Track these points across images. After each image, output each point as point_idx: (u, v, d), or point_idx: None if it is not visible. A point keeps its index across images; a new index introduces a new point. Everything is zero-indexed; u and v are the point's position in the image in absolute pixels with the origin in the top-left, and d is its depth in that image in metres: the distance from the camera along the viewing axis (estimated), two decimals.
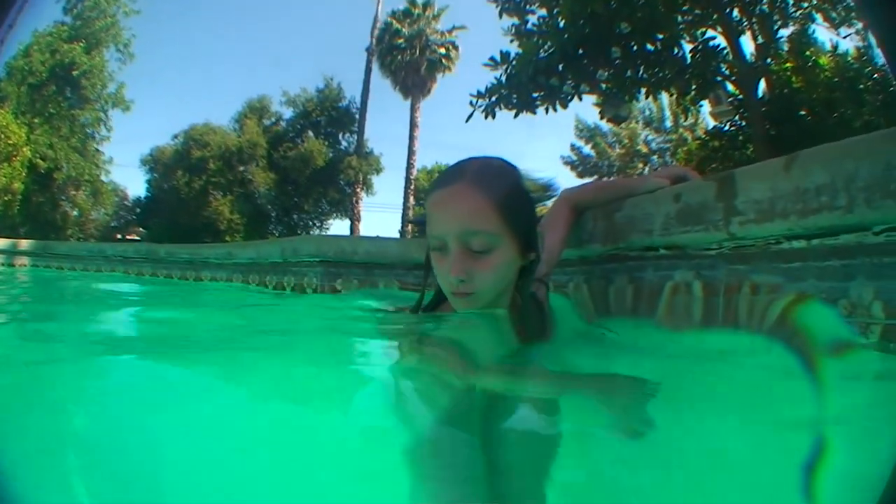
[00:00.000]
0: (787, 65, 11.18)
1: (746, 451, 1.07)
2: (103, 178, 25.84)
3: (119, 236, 26.80)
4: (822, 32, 12.09)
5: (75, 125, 24.03)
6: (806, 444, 0.93)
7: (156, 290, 5.17)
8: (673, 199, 1.69)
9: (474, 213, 1.32)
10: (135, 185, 36.90)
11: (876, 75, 10.48)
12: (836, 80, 10.64)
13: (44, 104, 22.59)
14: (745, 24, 10.36)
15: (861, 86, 10.49)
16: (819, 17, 11.03)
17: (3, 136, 18.96)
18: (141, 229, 27.64)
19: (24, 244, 9.34)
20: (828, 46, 11.60)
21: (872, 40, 10.69)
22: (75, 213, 25.31)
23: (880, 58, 10.53)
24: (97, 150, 25.34)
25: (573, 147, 26.52)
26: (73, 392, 1.24)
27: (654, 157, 24.52)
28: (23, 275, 7.73)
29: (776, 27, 10.60)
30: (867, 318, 1.15)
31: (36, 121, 22.23)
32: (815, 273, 1.28)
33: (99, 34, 23.79)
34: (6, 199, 20.12)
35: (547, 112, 10.73)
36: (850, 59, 11.28)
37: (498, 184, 1.37)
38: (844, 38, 11.32)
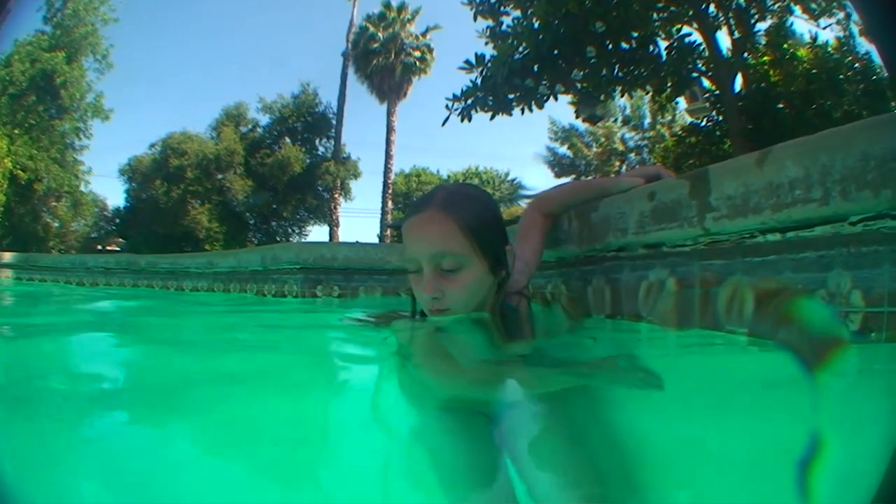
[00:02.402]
0: (765, 58, 11.20)
1: (741, 448, 1.08)
2: (83, 188, 25.58)
3: (99, 247, 26.43)
4: (801, 24, 12.14)
5: (55, 136, 23.76)
6: (801, 440, 0.94)
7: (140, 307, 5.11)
8: (647, 197, 1.72)
9: (444, 236, 1.44)
10: (114, 195, 36.48)
11: (857, 65, 10.54)
12: (815, 71, 10.63)
13: (24, 115, 22.28)
14: (722, 19, 10.40)
15: (841, 76, 10.51)
16: (798, 8, 11.04)
17: None
18: (121, 240, 27.34)
19: (7, 256, 9.25)
20: (807, 38, 11.62)
21: (854, 30, 10.82)
22: (56, 224, 25.04)
23: (862, 47, 10.66)
24: (76, 160, 25.07)
25: (549, 148, 26.67)
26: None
27: (632, 154, 24.68)
28: (7, 287, 7.66)
29: (753, 21, 10.64)
30: (846, 307, 1.15)
31: (16, 132, 21.93)
32: (790, 265, 1.30)
33: (78, 43, 23.50)
34: None
35: (523, 113, 10.74)
36: (829, 49, 11.29)
37: (465, 209, 1.48)
38: (824, 28, 11.33)
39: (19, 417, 1.31)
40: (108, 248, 26.44)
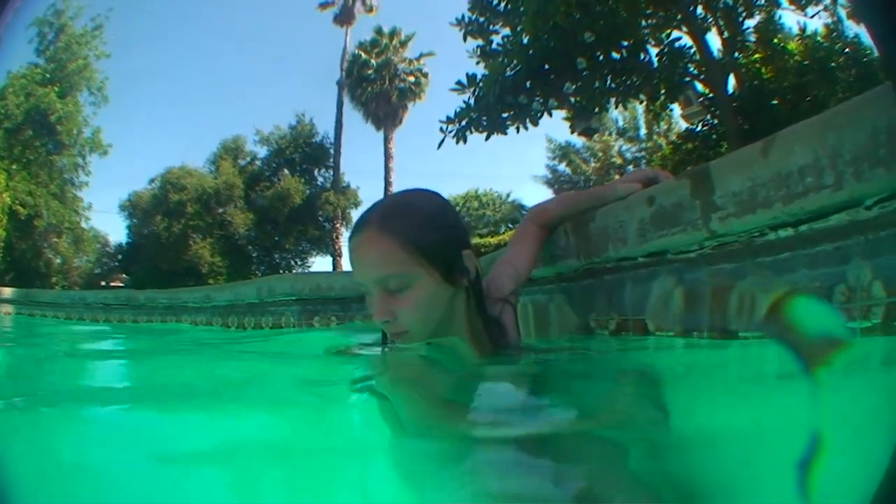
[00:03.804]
0: (755, 56, 11.21)
1: (741, 450, 1.04)
2: (84, 224, 25.55)
3: (103, 283, 26.40)
4: (789, 17, 12.15)
5: (53, 171, 23.80)
6: (801, 441, 0.90)
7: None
8: (646, 202, 1.62)
9: (383, 259, 1.38)
10: (116, 231, 36.58)
11: (847, 49, 10.52)
12: (807, 62, 10.65)
13: (21, 150, 22.35)
14: (710, 20, 10.42)
15: (833, 64, 10.50)
16: (784, 0, 11.04)
17: None
18: (124, 276, 27.34)
19: (7, 292, 9.22)
20: (795, 30, 11.66)
21: (842, 14, 10.80)
22: (58, 260, 25.00)
23: (850, 30, 10.62)
24: (76, 196, 25.06)
25: (548, 167, 26.72)
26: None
27: (630, 166, 24.69)
28: (7, 323, 7.67)
29: (741, 19, 10.63)
30: (868, 301, 1.07)
31: (14, 167, 21.96)
32: (805, 262, 1.21)
33: (72, 77, 23.66)
34: None
35: (518, 131, 10.73)
36: (819, 38, 11.29)
37: (405, 222, 1.41)
38: (812, 17, 11.29)
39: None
40: (112, 284, 26.43)
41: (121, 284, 25.99)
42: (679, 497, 1.06)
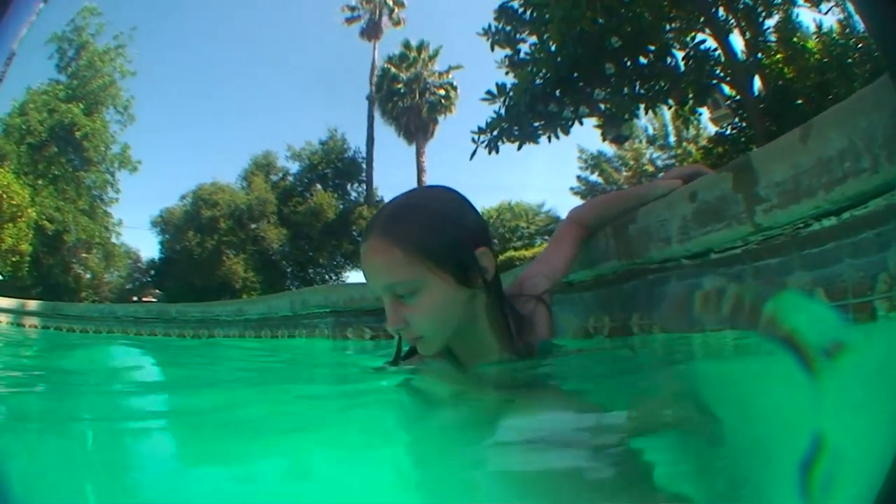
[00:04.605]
0: (778, 56, 11.17)
1: (744, 448, 1.07)
2: (114, 240, 25.71)
3: (135, 298, 26.60)
4: (805, 15, 12.10)
5: (81, 188, 23.95)
6: (803, 442, 0.91)
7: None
8: (688, 198, 1.59)
9: (390, 266, 1.34)
10: (147, 246, 37.02)
11: (860, 45, 10.45)
12: (826, 60, 10.65)
13: (46, 165, 22.53)
14: (732, 21, 10.37)
15: (849, 60, 10.48)
16: None
17: (5, 195, 18.67)
18: (157, 291, 27.59)
19: (33, 305, 9.24)
20: (812, 28, 11.61)
21: (850, 8, 10.67)
22: (88, 275, 25.12)
23: (860, 24, 10.52)
24: (106, 212, 25.22)
25: (579, 178, 26.56)
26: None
27: (661, 174, 24.45)
28: (32, 336, 7.69)
29: (761, 18, 10.58)
30: None
31: (40, 182, 22.12)
32: (849, 251, 1.18)
33: (97, 94, 23.83)
34: (14, 259, 19.82)
35: (550, 140, 10.72)
36: (834, 35, 11.26)
37: (408, 228, 1.36)
38: (825, 13, 11.20)
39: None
40: (144, 299, 26.61)
41: (153, 300, 26.16)
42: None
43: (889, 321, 1.09)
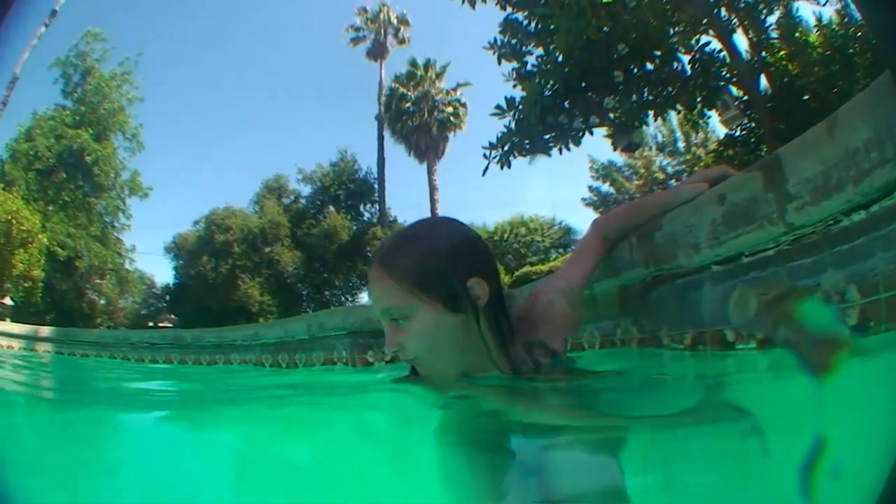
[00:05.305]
0: (781, 53, 11.15)
1: (748, 450, 1.08)
2: (128, 266, 25.94)
3: (150, 324, 26.69)
4: (804, 8, 12.10)
5: (93, 214, 24.19)
6: (805, 443, 0.92)
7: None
8: (717, 201, 1.55)
9: (384, 292, 1.49)
10: (162, 271, 37.26)
11: (860, 34, 10.35)
12: (829, 53, 10.62)
13: (56, 191, 22.75)
14: (735, 21, 10.37)
15: (850, 50, 10.39)
16: None
17: (15, 221, 18.72)
18: (173, 316, 27.69)
19: (46, 331, 9.23)
20: (812, 22, 11.57)
21: None
22: (103, 301, 25.29)
23: (857, 13, 10.49)
24: (118, 238, 25.48)
25: (591, 188, 26.49)
26: None
27: (673, 181, 24.36)
28: (45, 362, 7.67)
29: (763, 16, 10.60)
30: None
31: (50, 208, 22.34)
32: (880, 244, 1.15)
33: (106, 120, 24.07)
34: (26, 285, 19.87)
35: (561, 152, 10.69)
36: (834, 26, 11.19)
37: (403, 257, 1.49)
38: (824, 5, 11.13)
39: None
40: (160, 324, 26.72)
41: (169, 325, 26.28)
42: None
43: None
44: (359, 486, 1.37)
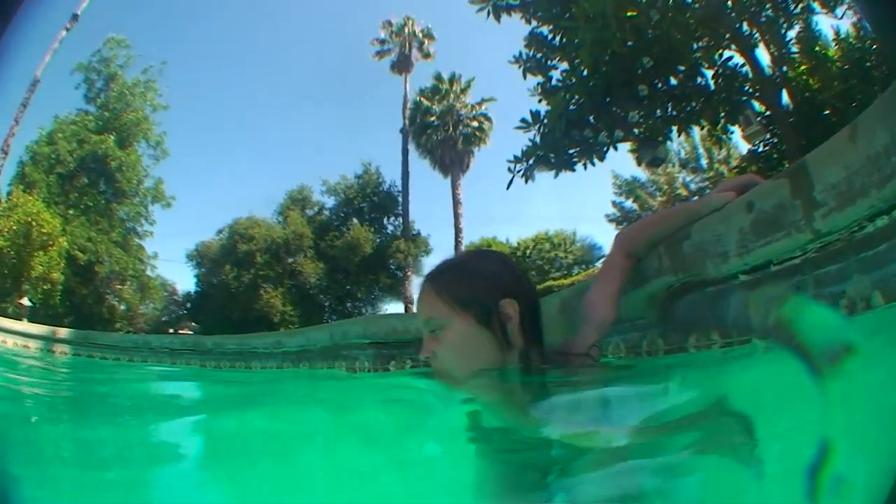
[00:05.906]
0: (802, 67, 11.12)
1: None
2: (149, 273, 25.95)
3: (171, 330, 26.77)
4: (823, 22, 12.05)
5: (114, 219, 24.28)
6: (810, 447, 0.93)
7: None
8: (745, 209, 1.56)
9: (426, 305, 1.66)
10: (183, 279, 37.39)
11: (874, 46, 10.28)
12: (847, 67, 10.58)
13: (78, 196, 22.89)
14: (757, 36, 10.36)
15: (867, 63, 10.32)
16: (816, 4, 10.85)
17: (35, 223, 18.99)
18: (193, 324, 27.77)
19: (63, 332, 9.26)
20: (831, 35, 11.54)
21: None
22: (123, 306, 25.30)
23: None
24: (140, 245, 25.55)
25: (614, 203, 26.38)
26: None
27: (695, 198, 24.22)
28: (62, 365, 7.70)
29: (783, 30, 10.59)
30: None
31: (71, 212, 22.45)
32: None
33: (129, 127, 24.19)
34: (45, 287, 20.07)
35: (585, 167, 10.67)
36: (851, 39, 11.17)
37: (446, 275, 1.70)
38: (841, 17, 11.03)
39: None
40: (181, 331, 26.74)
41: (190, 332, 26.33)
42: None
43: None
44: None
